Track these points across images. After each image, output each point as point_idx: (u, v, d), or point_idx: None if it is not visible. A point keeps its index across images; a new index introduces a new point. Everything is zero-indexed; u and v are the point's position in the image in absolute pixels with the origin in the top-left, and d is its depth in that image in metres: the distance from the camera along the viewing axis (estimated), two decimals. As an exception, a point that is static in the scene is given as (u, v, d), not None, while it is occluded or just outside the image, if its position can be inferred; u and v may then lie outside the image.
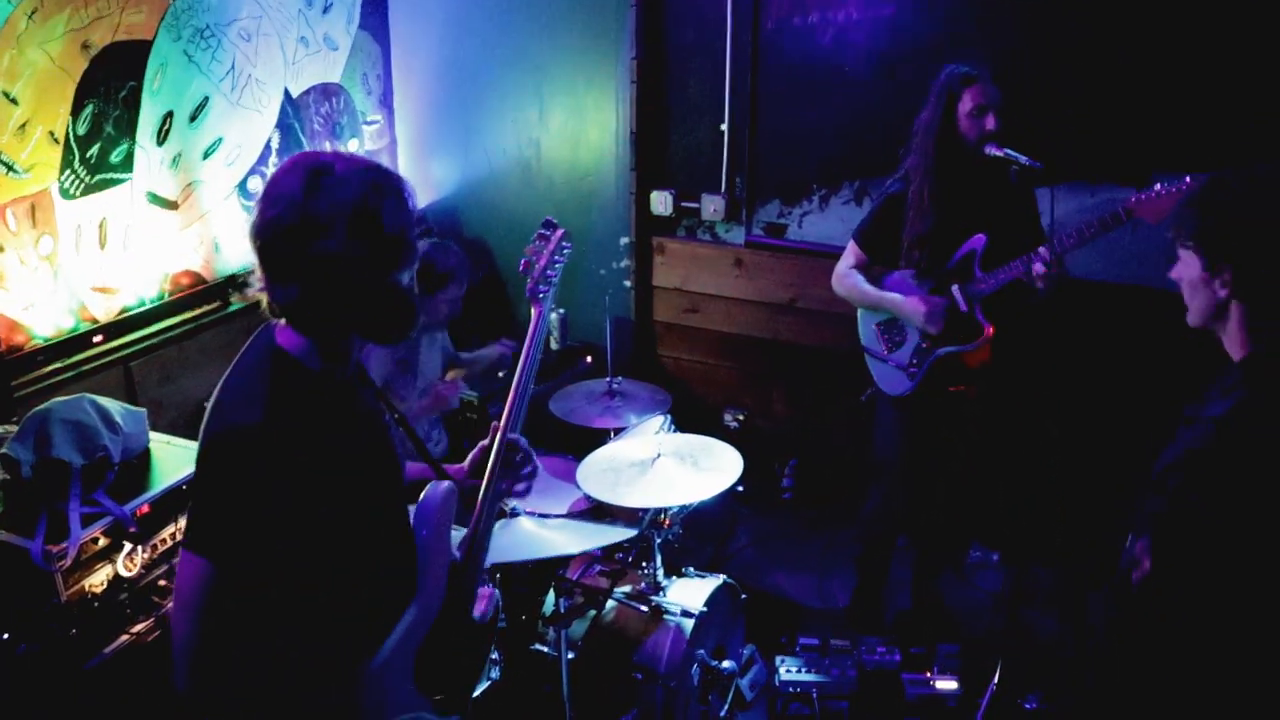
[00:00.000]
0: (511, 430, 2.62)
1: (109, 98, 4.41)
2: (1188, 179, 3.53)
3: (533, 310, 2.80)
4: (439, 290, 4.23)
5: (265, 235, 2.05)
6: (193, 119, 4.84)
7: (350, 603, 2.23)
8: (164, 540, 3.50)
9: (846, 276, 4.27)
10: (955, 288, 4.03)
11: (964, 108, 3.85)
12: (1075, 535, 3.15)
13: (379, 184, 2.06)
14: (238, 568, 2.03)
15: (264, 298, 2.15)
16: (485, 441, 2.65)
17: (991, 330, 4.02)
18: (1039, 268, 3.73)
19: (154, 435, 3.75)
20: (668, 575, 4.00)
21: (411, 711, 2.35)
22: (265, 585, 2.06)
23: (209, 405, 2.12)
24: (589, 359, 5.83)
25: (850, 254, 4.27)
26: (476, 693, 3.60)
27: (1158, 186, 3.56)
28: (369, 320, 2.16)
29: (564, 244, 2.86)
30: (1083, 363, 4.69)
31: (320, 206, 2.00)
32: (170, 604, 3.26)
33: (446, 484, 2.49)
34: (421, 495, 2.45)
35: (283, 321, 2.15)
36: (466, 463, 2.69)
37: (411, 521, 2.43)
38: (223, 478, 2.06)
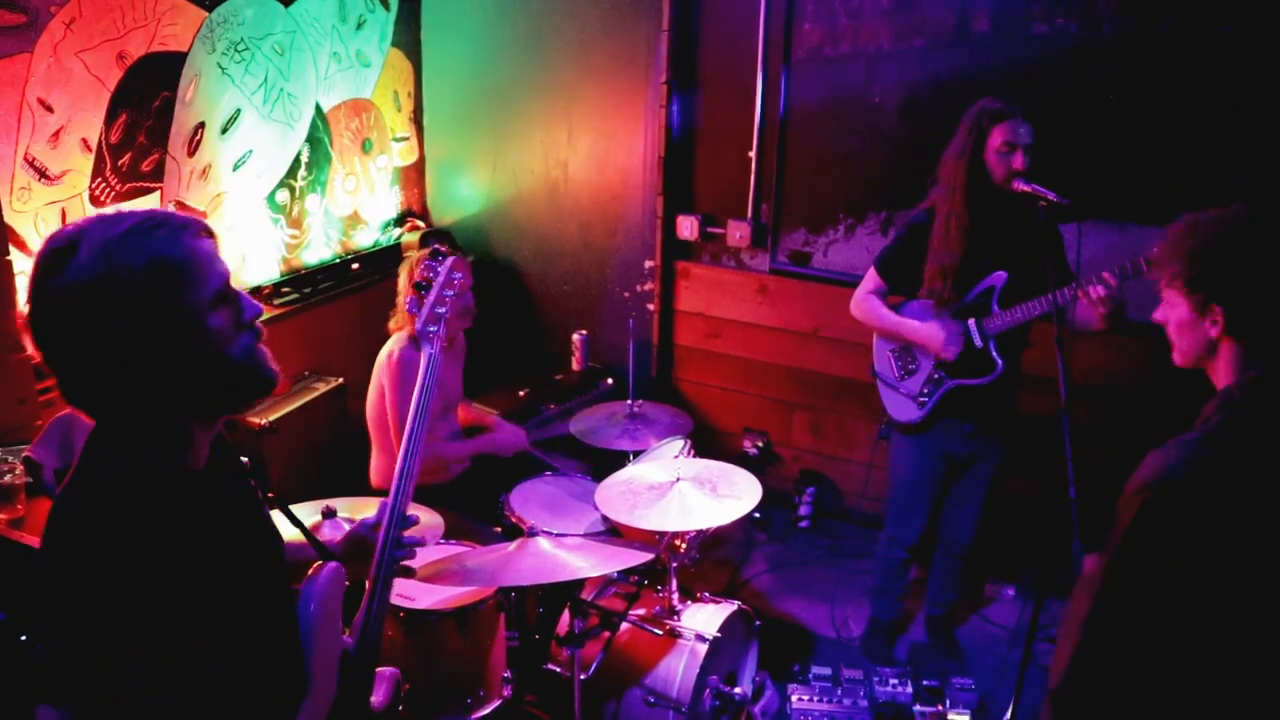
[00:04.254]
0: (401, 507, 2.44)
1: (142, 107, 4.45)
2: None
3: (422, 353, 2.61)
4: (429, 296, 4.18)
5: (50, 344, 1.79)
6: (224, 131, 4.87)
7: (238, 709, 1.99)
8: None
9: (865, 301, 4.27)
10: (971, 322, 4.03)
11: (993, 143, 3.85)
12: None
13: (149, 249, 1.76)
14: (104, 709, 1.80)
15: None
16: (368, 518, 2.48)
17: (1004, 367, 4.02)
18: (1099, 290, 3.67)
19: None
20: (683, 599, 4.00)
21: None
22: (138, 716, 1.82)
23: (47, 528, 1.87)
24: (610, 381, 5.84)
25: (869, 280, 4.27)
26: (486, 711, 3.62)
27: None
28: (201, 401, 1.89)
29: (454, 274, 2.66)
30: (1099, 399, 4.68)
31: (90, 294, 1.72)
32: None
33: (333, 565, 2.27)
34: (307, 577, 2.24)
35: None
36: (342, 541, 2.52)
37: (297, 606, 2.19)
38: (71, 598, 1.78)
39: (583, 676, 3.70)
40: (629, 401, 4.65)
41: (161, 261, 1.77)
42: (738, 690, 3.91)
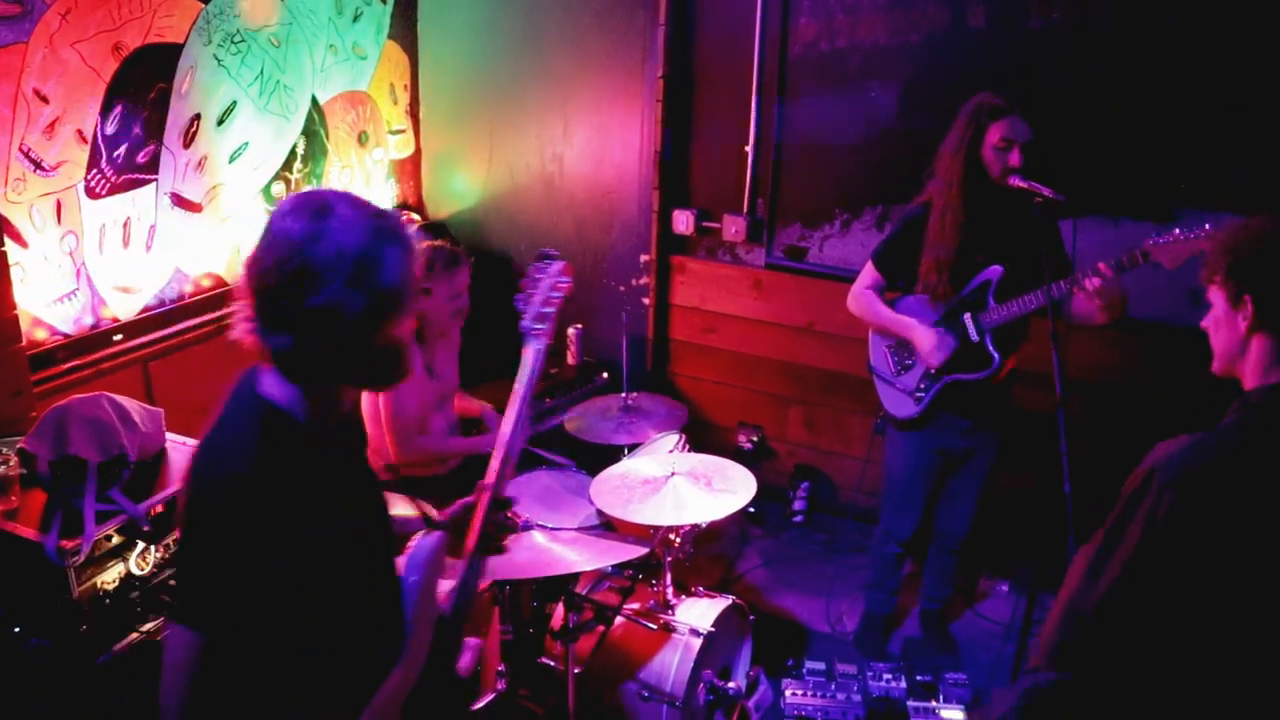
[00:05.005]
0: (500, 490, 2.49)
1: (138, 99, 4.44)
2: (1208, 225, 3.52)
3: (524, 349, 2.66)
4: (431, 289, 4.20)
5: (263, 281, 1.93)
6: (220, 123, 4.87)
7: (339, 663, 2.12)
8: (177, 540, 3.49)
9: (861, 296, 4.27)
10: (967, 316, 4.04)
11: (990, 139, 3.85)
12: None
13: (383, 231, 1.96)
14: (229, 637, 1.92)
15: (248, 340, 2.01)
16: (469, 499, 2.53)
17: (1000, 360, 4.03)
18: (1095, 282, 3.68)
19: (170, 435, 3.77)
20: (677, 594, 4.00)
21: None
22: (256, 654, 1.95)
23: (192, 463, 2.03)
24: (605, 375, 5.84)
25: (866, 275, 4.27)
26: (480, 705, 3.62)
27: (1176, 231, 3.55)
28: (361, 371, 2.07)
29: (562, 277, 2.71)
30: (1094, 395, 4.69)
31: (320, 254, 1.89)
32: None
33: (437, 534, 2.39)
34: (411, 544, 2.36)
35: (268, 368, 2.03)
36: (447, 516, 2.57)
37: (402, 570, 2.32)
38: (212, 536, 1.94)
39: (577, 670, 3.71)
40: (624, 395, 4.65)
41: (403, 253, 1.99)
42: (732, 685, 3.92)
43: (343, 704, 2.14)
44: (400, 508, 2.66)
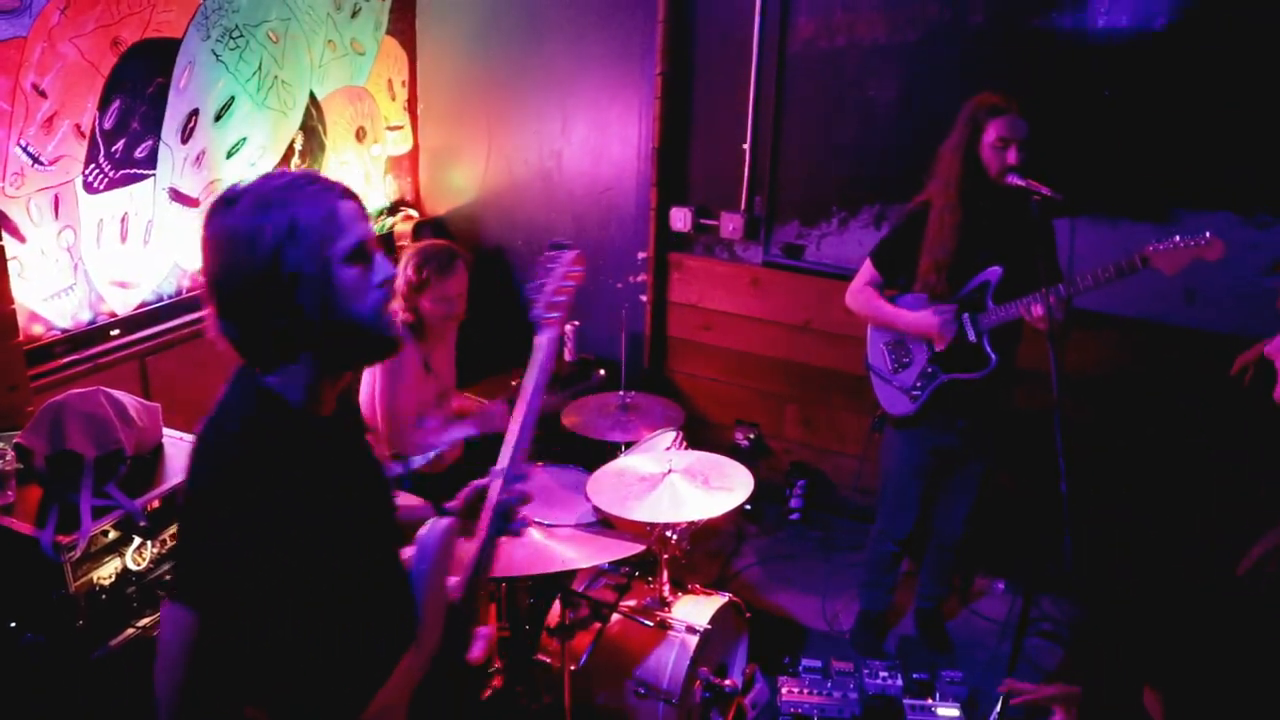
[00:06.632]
0: (513, 478, 2.48)
1: (136, 94, 4.44)
2: (1208, 233, 3.53)
3: (537, 337, 2.63)
4: (423, 290, 4.20)
5: (206, 279, 1.98)
6: (218, 118, 4.86)
7: (344, 652, 2.10)
8: (174, 536, 3.49)
9: (860, 293, 4.27)
10: (966, 317, 4.04)
11: (988, 138, 3.85)
12: (1082, 565, 3.14)
13: (281, 201, 1.93)
14: (224, 617, 1.91)
15: (214, 336, 2.04)
16: (481, 481, 2.52)
17: (997, 361, 4.03)
18: (1038, 310, 3.72)
19: (167, 431, 3.77)
20: (674, 591, 4.01)
21: None
22: (253, 636, 1.93)
23: (192, 448, 2.01)
24: (602, 372, 5.84)
25: (865, 273, 4.27)
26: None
27: (1176, 238, 3.56)
28: (328, 350, 2.02)
29: (575, 266, 2.70)
30: (1091, 394, 4.69)
31: (233, 240, 1.92)
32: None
33: (447, 520, 2.37)
34: (422, 530, 2.33)
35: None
36: (459, 501, 2.56)
37: (411, 558, 2.30)
38: (208, 510, 1.94)
39: (573, 667, 3.71)
40: (621, 393, 4.65)
41: (304, 216, 1.94)
42: (728, 682, 3.93)
43: (351, 691, 2.14)
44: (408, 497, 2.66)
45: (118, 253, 4.51)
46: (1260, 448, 4.16)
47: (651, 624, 3.84)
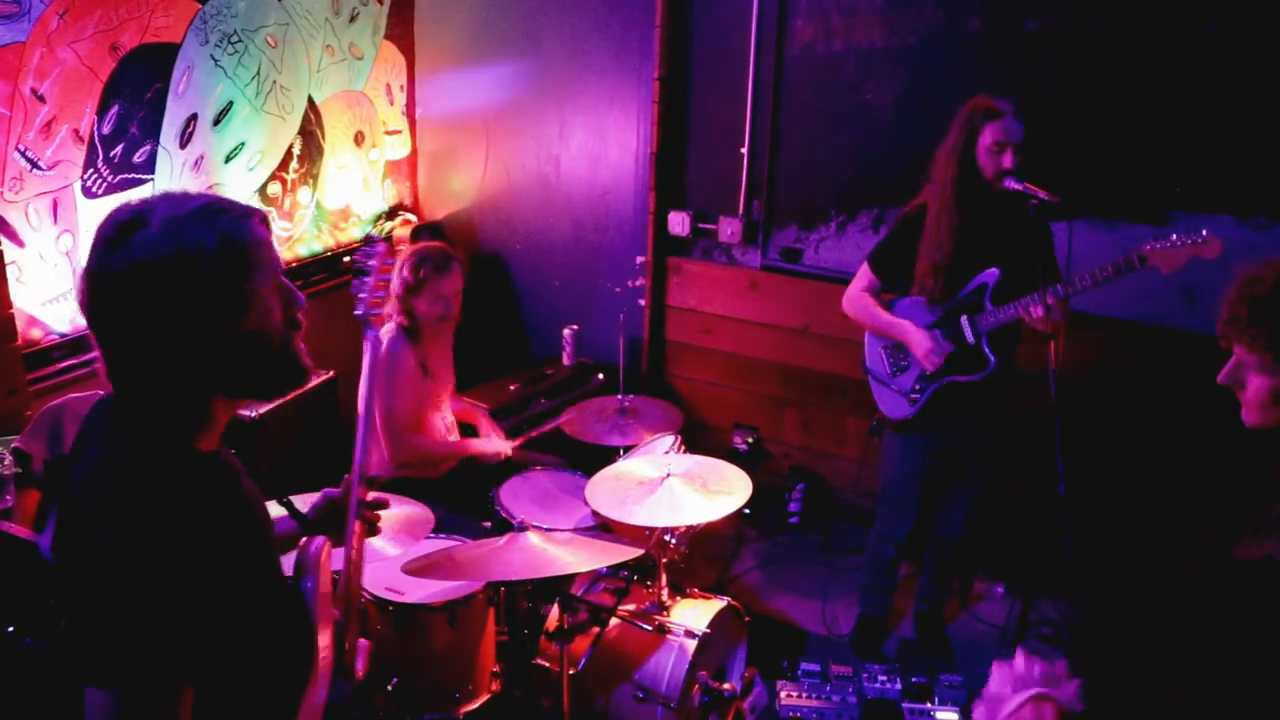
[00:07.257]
0: (364, 468, 2.47)
1: (135, 99, 4.44)
2: (1205, 231, 3.53)
3: (364, 341, 2.65)
4: (419, 291, 4.22)
5: (82, 300, 1.85)
6: (216, 123, 4.87)
7: (257, 689, 2.00)
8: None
9: (858, 298, 4.27)
10: (964, 318, 4.04)
11: (984, 142, 3.85)
12: (1081, 568, 3.14)
13: (196, 227, 1.79)
14: (143, 690, 1.74)
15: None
16: (333, 491, 2.48)
17: (996, 363, 4.03)
18: (1037, 311, 3.73)
19: (166, 435, 3.76)
20: (672, 595, 4.00)
21: None
22: (174, 704, 1.77)
23: (76, 511, 1.84)
24: (600, 376, 5.84)
25: (862, 277, 4.27)
26: (475, 706, 3.63)
27: (1173, 237, 3.56)
28: (239, 382, 1.91)
29: (388, 259, 2.71)
30: (1088, 397, 4.69)
31: (129, 263, 1.77)
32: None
33: (320, 539, 2.27)
34: (299, 550, 2.24)
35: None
36: (313, 509, 2.50)
37: (299, 577, 2.19)
38: (112, 591, 1.74)
39: (572, 671, 3.70)
40: (619, 396, 4.65)
41: (232, 243, 1.81)
42: (727, 686, 3.91)
43: None
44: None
45: (116, 257, 4.50)
46: (1260, 448, 4.16)
47: (650, 628, 3.83)
